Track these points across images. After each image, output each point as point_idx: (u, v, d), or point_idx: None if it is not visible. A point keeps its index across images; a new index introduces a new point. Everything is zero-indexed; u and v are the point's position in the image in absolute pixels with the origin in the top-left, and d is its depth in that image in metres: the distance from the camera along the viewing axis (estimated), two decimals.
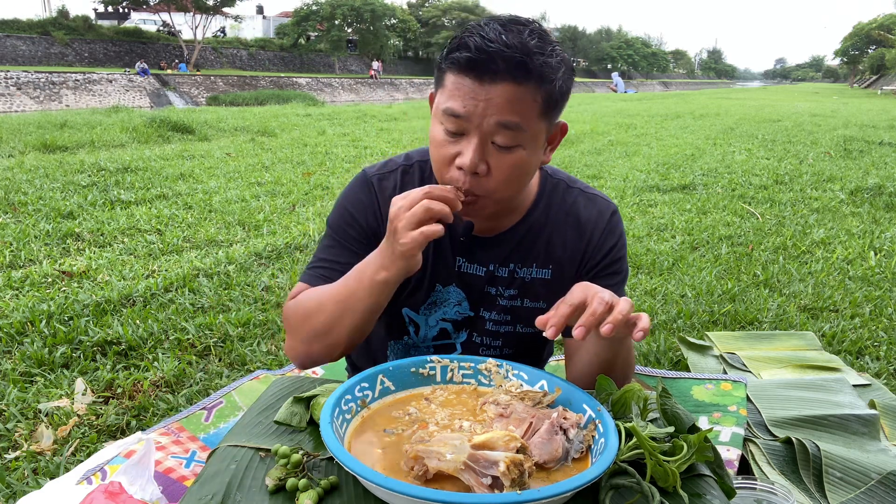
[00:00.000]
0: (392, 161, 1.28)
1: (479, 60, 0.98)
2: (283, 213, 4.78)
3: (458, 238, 1.22)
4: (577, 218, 1.24)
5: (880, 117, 14.44)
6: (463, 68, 0.99)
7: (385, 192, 1.23)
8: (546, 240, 1.23)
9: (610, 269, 1.24)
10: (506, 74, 0.98)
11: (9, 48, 31.89)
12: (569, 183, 1.27)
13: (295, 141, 9.00)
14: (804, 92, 42.75)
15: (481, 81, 0.99)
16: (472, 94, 0.99)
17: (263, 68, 43.03)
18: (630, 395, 0.93)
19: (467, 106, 1.00)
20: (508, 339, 1.29)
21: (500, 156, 1.03)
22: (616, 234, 1.25)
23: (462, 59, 0.99)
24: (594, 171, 6.99)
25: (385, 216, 1.21)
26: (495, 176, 1.04)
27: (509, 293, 1.25)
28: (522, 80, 0.98)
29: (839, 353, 2.56)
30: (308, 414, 0.97)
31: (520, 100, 0.99)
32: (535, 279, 1.24)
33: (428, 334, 1.30)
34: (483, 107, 0.99)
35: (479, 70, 0.98)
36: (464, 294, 1.26)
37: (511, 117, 1.00)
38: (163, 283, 3.15)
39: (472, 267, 1.24)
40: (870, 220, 4.79)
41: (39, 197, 4.83)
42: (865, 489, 1.49)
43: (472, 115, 1.00)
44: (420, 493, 0.68)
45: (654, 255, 3.85)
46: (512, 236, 1.23)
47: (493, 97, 0.99)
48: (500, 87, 0.98)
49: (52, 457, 1.84)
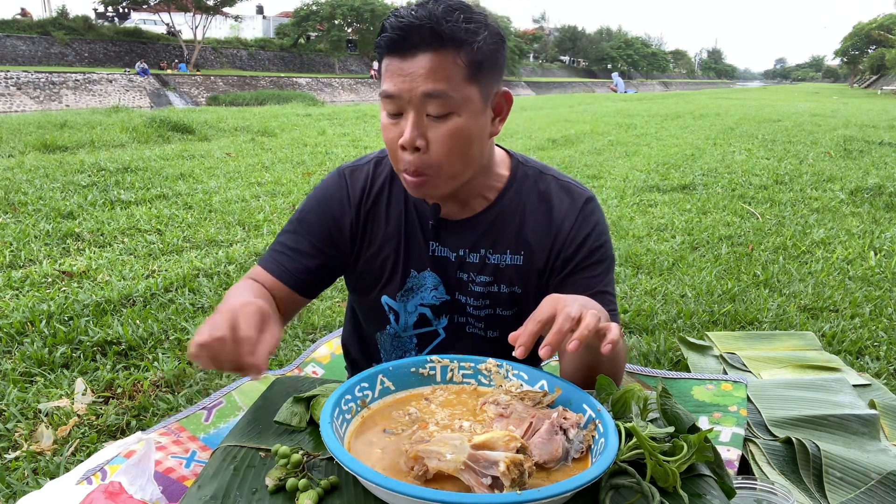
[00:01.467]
0: (367, 155, 1.31)
1: (395, 38, 1.03)
2: (283, 213, 4.78)
3: (427, 222, 1.24)
4: (548, 205, 1.24)
5: (880, 117, 14.44)
6: (387, 50, 1.05)
7: (356, 182, 1.26)
8: (517, 225, 1.23)
9: (590, 261, 1.22)
10: (421, 45, 1.02)
11: (9, 48, 31.88)
12: (542, 170, 1.27)
13: (295, 141, 9.00)
14: (804, 92, 42.74)
15: (403, 57, 1.03)
16: (399, 72, 1.04)
17: (263, 68, 43.01)
18: (630, 395, 0.93)
19: (396, 84, 1.04)
20: (491, 320, 1.29)
21: (436, 127, 1.06)
22: (591, 222, 1.23)
23: (383, 41, 1.05)
24: (594, 171, 6.99)
25: (354, 206, 1.25)
26: (435, 148, 1.07)
27: (482, 279, 1.25)
28: (438, 46, 1.02)
29: (839, 353, 2.56)
30: (308, 414, 0.97)
31: (440, 67, 1.02)
32: (509, 265, 1.24)
33: (408, 321, 1.30)
34: (409, 81, 1.03)
35: (398, 47, 1.03)
36: (439, 278, 1.26)
37: (434, 85, 1.03)
38: (163, 283, 3.15)
39: (443, 251, 1.25)
40: (870, 220, 4.79)
41: (39, 197, 4.83)
42: (865, 489, 1.49)
43: (402, 92, 1.04)
44: (420, 493, 0.68)
45: (654, 255, 3.85)
46: (481, 220, 1.23)
47: (415, 70, 1.03)
48: (419, 59, 1.03)
49: (52, 457, 1.84)
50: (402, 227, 1.25)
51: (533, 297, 1.28)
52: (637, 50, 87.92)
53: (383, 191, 1.26)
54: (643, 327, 2.83)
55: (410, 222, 1.24)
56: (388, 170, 1.27)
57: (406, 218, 1.25)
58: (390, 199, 1.26)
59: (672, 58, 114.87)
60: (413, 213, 1.24)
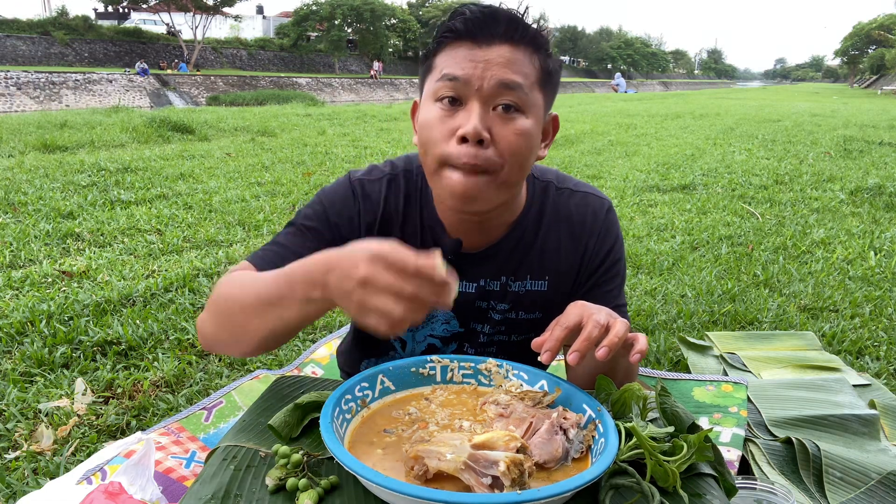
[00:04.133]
0: (377, 168, 1.20)
1: (475, 22, 0.98)
2: (283, 213, 4.78)
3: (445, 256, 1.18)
4: (569, 222, 1.18)
5: (880, 117, 14.44)
6: (460, 35, 0.99)
7: (368, 199, 1.15)
8: (540, 249, 1.18)
9: (609, 273, 1.20)
10: (503, 37, 0.99)
11: (9, 48, 31.89)
12: (558, 183, 1.21)
13: (295, 141, 9.00)
14: (804, 92, 42.74)
15: (478, 44, 0.99)
16: (471, 57, 0.98)
17: (263, 68, 43.02)
18: (630, 395, 0.93)
19: (466, 68, 0.98)
20: (503, 347, 1.25)
21: (503, 123, 0.99)
22: (613, 233, 1.21)
23: (459, 24, 0.99)
24: (594, 171, 6.99)
25: (364, 227, 1.13)
26: (500, 146, 0.98)
27: (502, 307, 1.20)
28: (519, 41, 0.99)
29: (839, 353, 2.56)
30: (300, 427, 0.95)
31: (518, 60, 0.99)
32: (530, 291, 1.19)
33: (415, 350, 1.26)
34: (483, 67, 0.98)
35: (477, 33, 0.99)
36: (452, 313, 1.21)
37: (512, 76, 0.98)
38: (163, 283, 3.15)
39: (461, 285, 1.16)
40: (870, 220, 4.79)
41: (39, 197, 4.83)
42: (865, 489, 1.49)
43: (472, 78, 0.98)
44: (420, 493, 0.68)
45: (654, 255, 3.85)
46: (502, 248, 1.16)
47: (491, 58, 0.98)
48: (496, 48, 0.98)
49: (52, 457, 1.84)
50: None
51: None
52: (637, 50, 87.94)
53: (397, 215, 1.16)
54: (643, 327, 2.83)
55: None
56: (403, 192, 1.16)
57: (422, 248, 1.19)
58: (404, 225, 1.16)
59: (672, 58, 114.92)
60: (430, 244, 1.15)
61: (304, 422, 0.95)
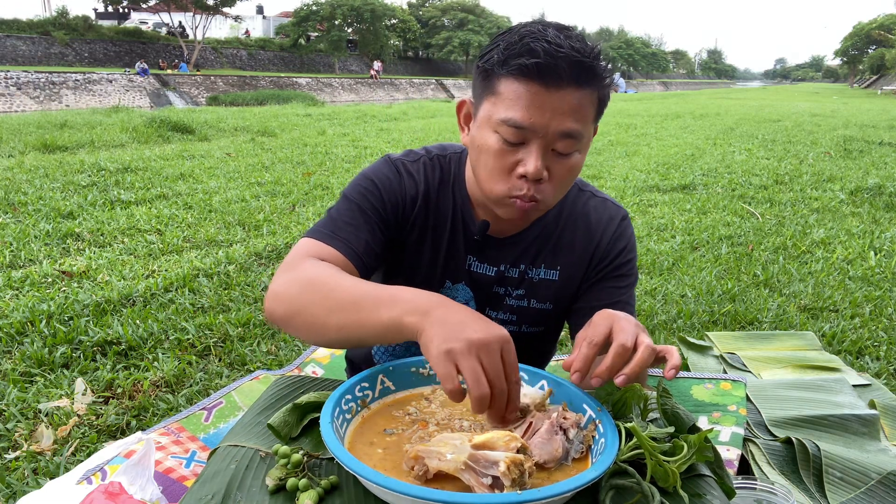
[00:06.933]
0: (413, 152, 1.25)
1: (547, 66, 0.96)
2: (283, 213, 4.78)
3: (471, 236, 1.22)
4: (587, 221, 1.24)
5: (880, 117, 14.44)
6: (530, 74, 0.97)
7: (412, 178, 1.20)
8: (556, 241, 1.24)
9: (619, 272, 1.24)
10: (570, 80, 0.97)
11: (9, 48, 31.88)
12: (580, 186, 1.28)
13: (295, 141, 9.00)
14: (804, 92, 42.74)
15: (547, 88, 0.97)
16: (538, 103, 0.97)
17: (263, 68, 43.00)
18: (630, 395, 0.93)
19: (533, 116, 0.98)
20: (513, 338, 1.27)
21: (559, 161, 1.04)
22: (625, 238, 1.25)
23: (530, 64, 0.96)
24: (594, 171, 6.99)
25: (409, 199, 1.19)
26: (554, 181, 1.05)
27: (517, 293, 1.25)
28: (584, 84, 0.98)
29: (839, 353, 2.56)
30: (300, 427, 0.95)
31: (581, 106, 0.99)
32: (543, 280, 1.24)
33: None
34: (549, 116, 0.98)
35: (547, 76, 0.96)
36: (472, 293, 1.25)
37: (574, 125, 0.99)
38: (163, 283, 3.15)
39: (482, 266, 1.23)
40: (870, 220, 4.79)
41: (39, 197, 4.83)
42: (865, 489, 1.49)
43: (537, 126, 0.98)
44: (420, 493, 0.68)
45: (654, 255, 3.85)
46: (525, 238, 1.23)
47: (557, 105, 0.98)
48: (563, 94, 0.97)
49: (52, 457, 1.84)
50: (444, 236, 1.22)
51: (563, 315, 1.29)
52: (637, 50, 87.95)
53: (432, 196, 1.22)
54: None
55: (455, 233, 1.22)
56: (439, 175, 1.23)
57: (452, 228, 1.22)
58: (439, 206, 1.23)
59: (672, 58, 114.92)
60: (460, 224, 1.22)
61: (304, 422, 0.95)
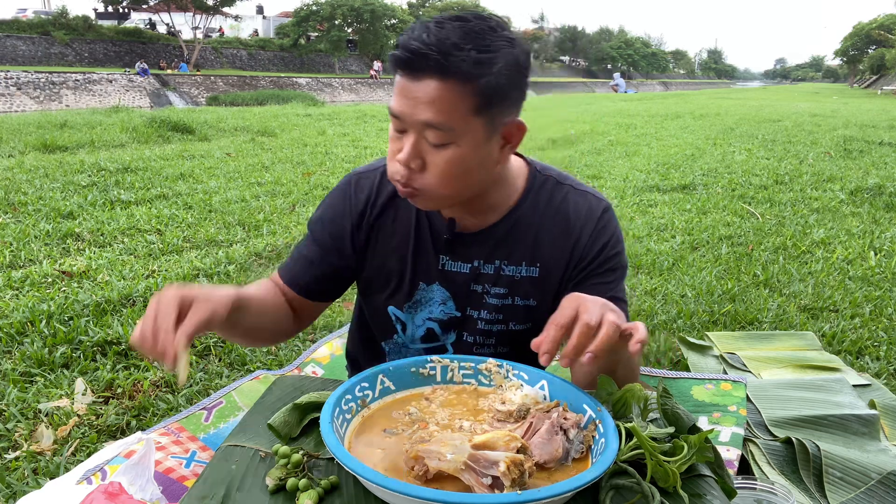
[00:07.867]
0: (379, 161, 1.28)
1: (404, 59, 0.99)
2: (283, 213, 4.78)
3: (440, 236, 1.21)
4: (565, 216, 1.21)
5: (880, 117, 14.44)
6: (398, 65, 1.01)
7: (360, 192, 1.25)
8: (533, 237, 1.21)
9: (604, 268, 1.21)
10: (431, 72, 0.98)
11: (9, 48, 31.86)
12: (559, 179, 1.24)
13: (295, 141, 9.00)
14: (804, 92, 42.73)
15: (410, 79, 1.00)
16: (404, 93, 1.01)
17: (263, 68, 42.97)
18: (630, 395, 0.93)
19: (400, 105, 1.02)
20: (502, 337, 1.27)
21: (434, 153, 1.03)
22: (608, 232, 1.21)
23: (393, 57, 1.02)
24: (594, 171, 6.99)
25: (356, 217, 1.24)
26: (431, 172, 1.04)
27: (497, 291, 1.23)
28: (444, 77, 0.98)
29: (839, 353, 2.56)
30: (300, 427, 0.95)
31: (444, 98, 0.98)
32: (524, 277, 1.22)
33: (415, 334, 1.29)
34: (412, 105, 1.00)
35: (407, 68, 1.00)
36: (448, 293, 1.24)
37: (435, 116, 0.99)
38: (163, 283, 3.15)
39: (455, 265, 1.22)
40: (870, 220, 4.79)
41: (39, 197, 4.83)
42: (865, 489, 1.49)
43: (404, 115, 1.02)
44: (420, 493, 0.68)
45: (654, 255, 3.85)
46: (496, 232, 1.21)
47: (419, 95, 0.99)
48: (424, 84, 0.99)
49: (52, 457, 1.84)
50: (410, 239, 1.22)
51: (549, 310, 1.27)
52: (637, 50, 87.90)
53: (391, 201, 1.24)
54: None
55: (421, 234, 1.22)
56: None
57: (417, 229, 1.22)
58: (398, 210, 1.23)
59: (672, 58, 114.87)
60: (425, 224, 1.22)
61: (304, 422, 0.95)
